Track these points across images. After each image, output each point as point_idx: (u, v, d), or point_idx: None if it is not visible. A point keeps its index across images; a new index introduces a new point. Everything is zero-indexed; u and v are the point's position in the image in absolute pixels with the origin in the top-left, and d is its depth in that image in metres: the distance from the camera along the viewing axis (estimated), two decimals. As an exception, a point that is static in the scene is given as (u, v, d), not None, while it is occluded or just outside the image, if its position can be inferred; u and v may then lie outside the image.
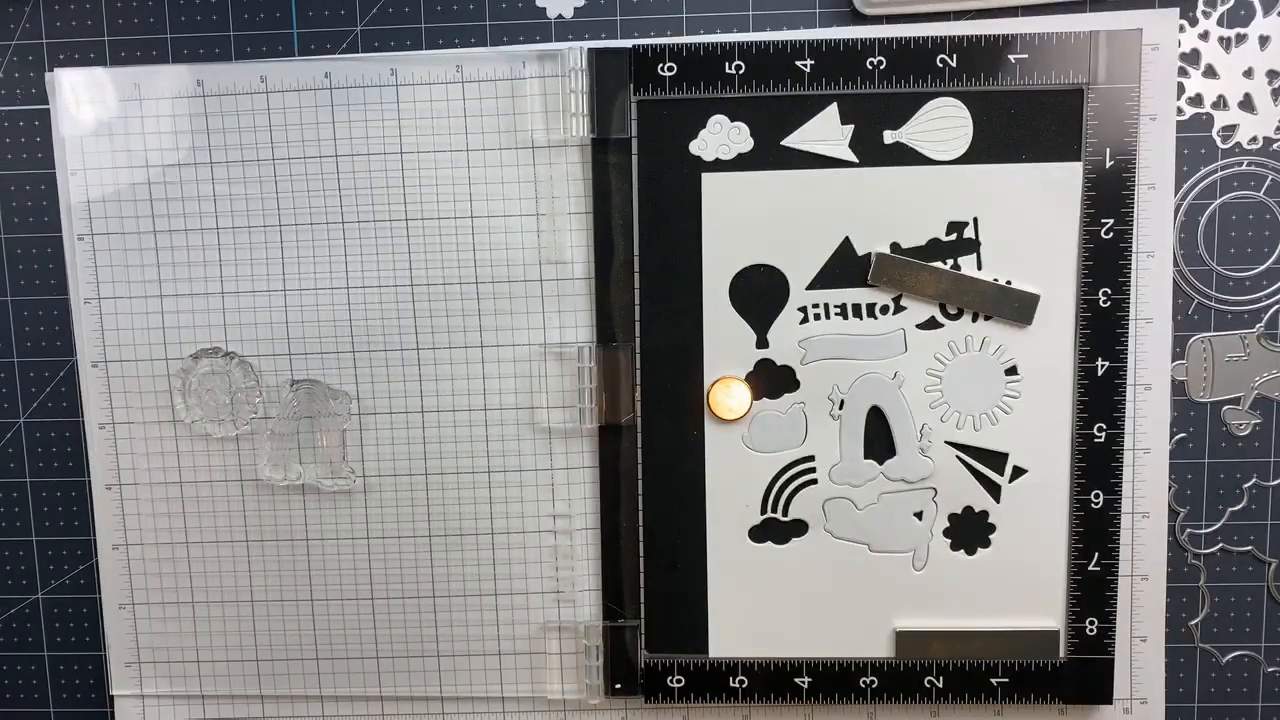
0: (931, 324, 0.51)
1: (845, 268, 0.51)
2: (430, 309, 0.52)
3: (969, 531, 0.52)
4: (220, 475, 0.54)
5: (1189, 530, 0.53)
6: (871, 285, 0.51)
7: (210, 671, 0.55)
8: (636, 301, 0.51)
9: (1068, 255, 0.50)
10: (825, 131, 0.50)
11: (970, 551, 0.52)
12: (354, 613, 0.54)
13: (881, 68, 0.49)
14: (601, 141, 0.50)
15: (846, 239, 0.50)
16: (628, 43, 0.50)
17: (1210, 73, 0.51)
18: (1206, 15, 0.50)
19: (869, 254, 0.50)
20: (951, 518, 0.52)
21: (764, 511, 0.52)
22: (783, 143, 0.50)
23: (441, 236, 0.52)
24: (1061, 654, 0.52)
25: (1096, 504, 0.51)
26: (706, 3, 0.51)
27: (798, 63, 0.49)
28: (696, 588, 0.52)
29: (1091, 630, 0.51)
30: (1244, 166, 0.51)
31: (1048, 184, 0.50)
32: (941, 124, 0.50)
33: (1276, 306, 0.52)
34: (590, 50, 0.50)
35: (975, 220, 0.50)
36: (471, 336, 0.52)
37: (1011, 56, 0.49)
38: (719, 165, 0.50)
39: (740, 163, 0.50)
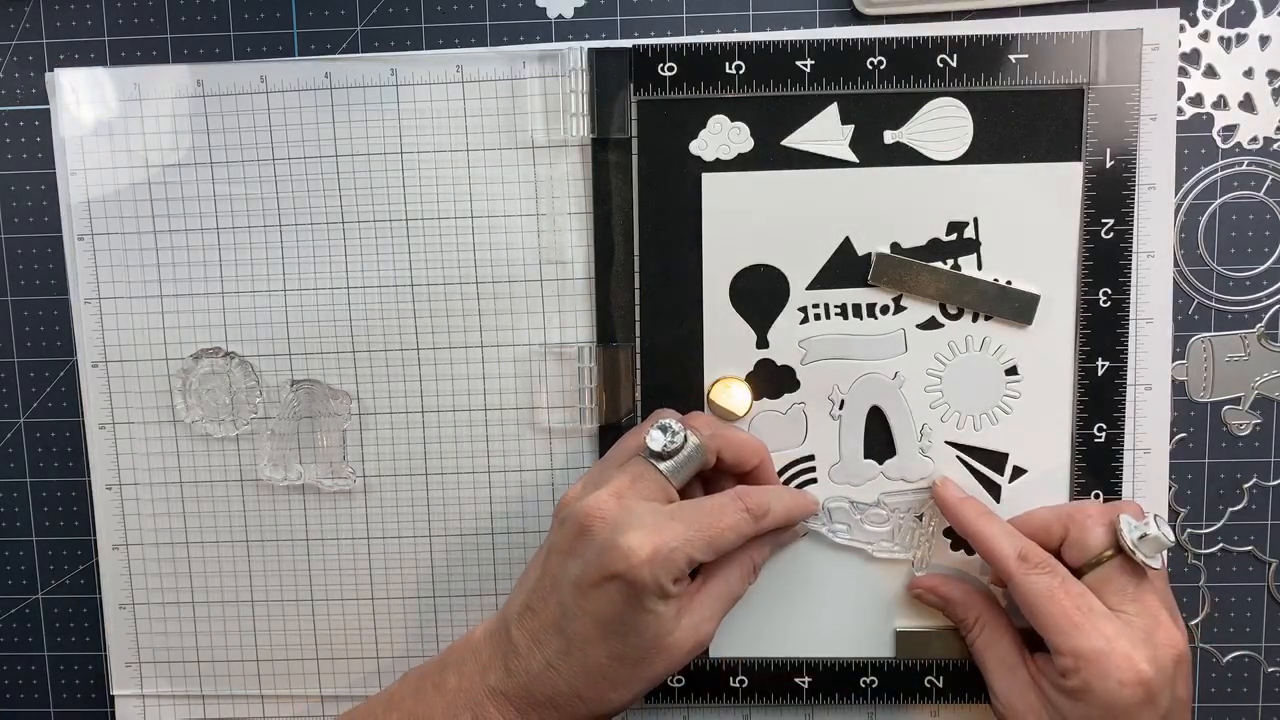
0: (931, 324, 0.51)
1: (845, 268, 0.51)
2: (430, 309, 0.52)
3: (969, 531, 0.52)
4: (220, 475, 0.54)
5: (1189, 530, 0.53)
6: (871, 285, 0.51)
7: (210, 671, 0.55)
8: (636, 301, 0.51)
9: (1068, 255, 0.50)
10: (825, 131, 0.50)
11: (970, 552, 0.52)
12: (354, 613, 0.54)
13: (882, 68, 0.49)
14: (601, 141, 0.50)
15: (846, 239, 0.50)
16: (628, 43, 0.50)
17: (1210, 73, 0.51)
18: (1207, 15, 0.50)
19: (869, 254, 0.50)
20: (951, 518, 0.52)
21: (764, 511, 0.52)
22: (783, 143, 0.50)
23: (441, 236, 0.52)
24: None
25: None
26: (706, 3, 0.51)
27: (798, 63, 0.49)
28: (696, 588, 0.52)
29: (1091, 630, 0.51)
30: (1244, 166, 0.51)
31: (1048, 184, 0.50)
32: (942, 124, 0.50)
33: (1276, 306, 0.52)
34: (590, 50, 0.50)
35: (975, 220, 0.50)
36: (471, 336, 0.52)
37: (1012, 56, 0.49)
38: (719, 165, 0.50)
39: (740, 163, 0.50)
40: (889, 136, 0.50)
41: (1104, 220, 0.50)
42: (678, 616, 0.44)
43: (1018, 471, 0.51)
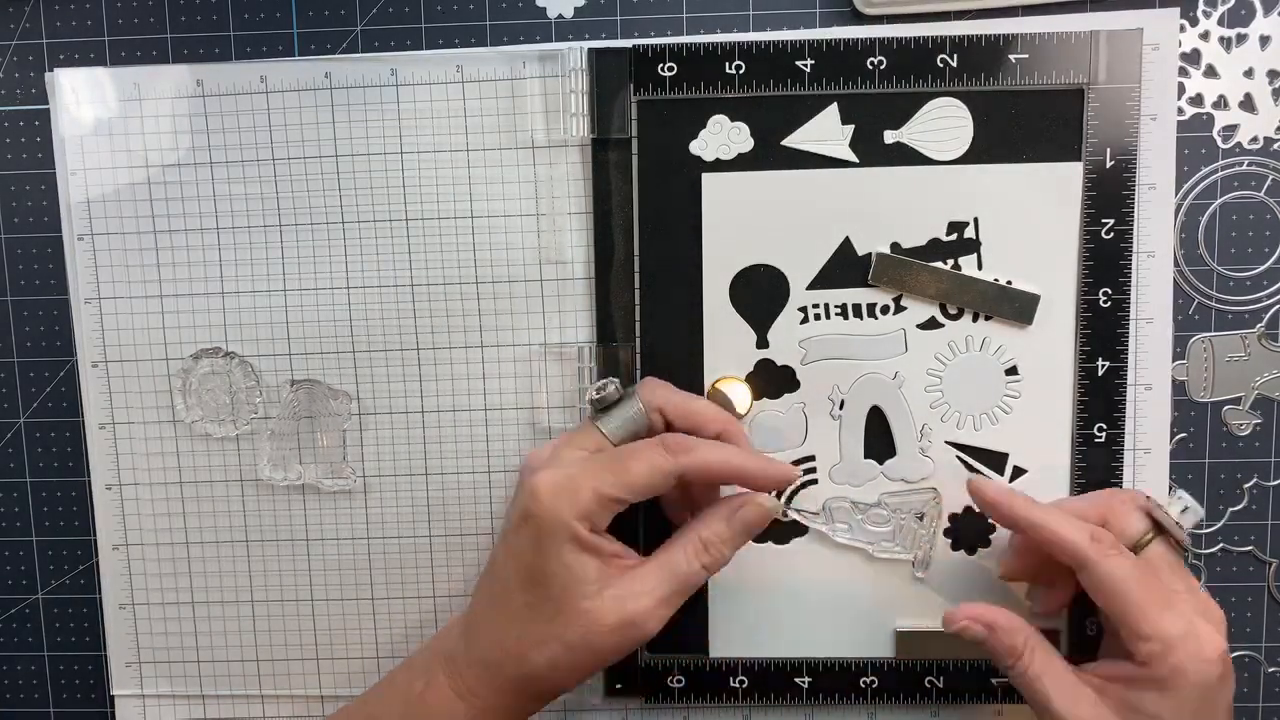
0: (932, 324, 0.51)
1: (845, 268, 0.51)
2: (430, 309, 0.52)
3: (970, 531, 0.52)
4: (220, 475, 0.54)
5: (1189, 530, 0.53)
6: (871, 285, 0.51)
7: (210, 671, 0.55)
8: (636, 301, 0.51)
9: (1068, 255, 0.50)
10: (825, 131, 0.50)
11: (971, 551, 0.52)
12: (354, 613, 0.54)
13: (882, 68, 0.49)
14: (601, 141, 0.50)
15: (846, 239, 0.50)
16: (628, 43, 0.50)
17: (1211, 73, 0.51)
18: (1207, 15, 0.50)
19: (869, 254, 0.50)
20: (952, 518, 0.52)
21: (764, 511, 0.52)
22: (783, 143, 0.50)
23: (441, 236, 0.52)
24: (1063, 653, 0.52)
25: (1097, 504, 0.51)
26: (706, 3, 0.51)
27: (798, 63, 0.49)
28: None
29: (1092, 630, 0.51)
30: (1244, 166, 0.51)
31: (1048, 184, 0.50)
32: (942, 124, 0.50)
33: (1277, 306, 0.52)
34: (590, 50, 0.50)
35: (975, 220, 0.50)
36: (471, 336, 0.52)
37: (1012, 56, 0.49)
38: (719, 165, 0.50)
39: (740, 163, 0.50)
40: (889, 136, 0.50)
41: (1104, 220, 0.50)
42: (599, 581, 0.43)
43: (1018, 471, 0.51)
